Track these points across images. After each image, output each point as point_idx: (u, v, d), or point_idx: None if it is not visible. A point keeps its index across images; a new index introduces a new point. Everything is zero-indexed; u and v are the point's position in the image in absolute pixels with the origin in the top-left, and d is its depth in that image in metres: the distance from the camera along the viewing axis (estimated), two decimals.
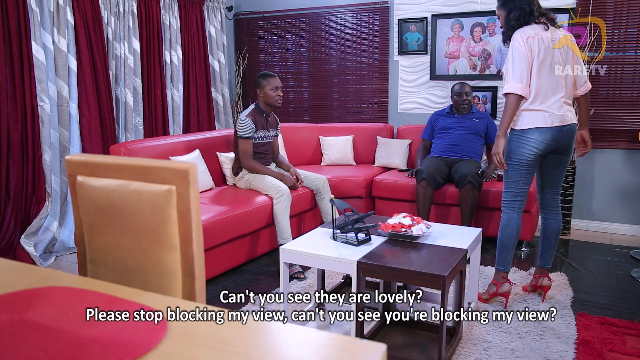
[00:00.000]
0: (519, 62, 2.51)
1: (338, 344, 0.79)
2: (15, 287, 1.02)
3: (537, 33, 2.53)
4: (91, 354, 0.77)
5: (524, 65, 2.50)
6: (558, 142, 2.57)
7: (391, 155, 4.53)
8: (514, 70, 2.52)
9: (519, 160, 2.59)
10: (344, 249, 2.27)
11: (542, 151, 2.57)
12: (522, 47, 2.50)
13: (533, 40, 2.51)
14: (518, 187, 2.64)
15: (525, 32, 2.53)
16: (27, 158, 3.44)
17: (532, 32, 2.52)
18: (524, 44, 2.51)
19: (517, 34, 2.54)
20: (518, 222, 2.68)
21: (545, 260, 2.83)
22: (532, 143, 2.55)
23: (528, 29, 2.54)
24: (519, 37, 2.53)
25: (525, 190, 2.65)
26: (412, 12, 4.70)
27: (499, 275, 2.73)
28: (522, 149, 2.57)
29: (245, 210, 3.25)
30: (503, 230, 2.70)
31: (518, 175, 2.63)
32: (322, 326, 2.54)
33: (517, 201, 2.67)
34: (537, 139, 2.54)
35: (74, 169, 1.35)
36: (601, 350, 2.25)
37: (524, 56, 2.50)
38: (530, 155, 2.57)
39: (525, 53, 2.50)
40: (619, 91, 4.03)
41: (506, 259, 2.72)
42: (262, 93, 3.57)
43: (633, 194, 4.09)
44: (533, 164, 2.60)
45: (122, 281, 1.27)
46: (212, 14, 5.11)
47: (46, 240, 3.55)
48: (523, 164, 2.59)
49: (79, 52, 3.73)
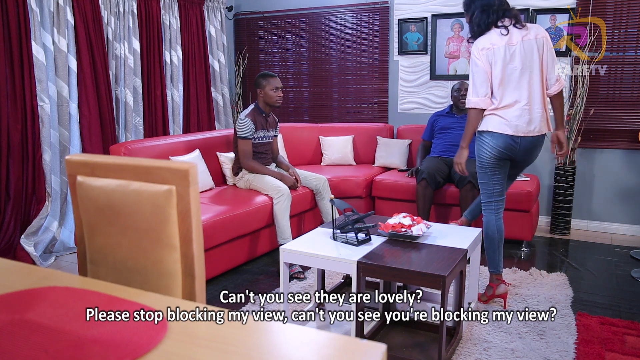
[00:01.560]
0: (477, 74, 2.53)
1: (338, 344, 0.79)
2: (15, 287, 1.02)
3: (493, 42, 2.51)
4: (91, 354, 0.77)
5: (482, 78, 2.52)
6: (512, 151, 2.57)
7: (391, 155, 4.53)
8: (473, 83, 2.55)
9: (481, 162, 2.64)
10: (344, 249, 2.27)
11: (497, 157, 2.57)
12: (478, 60, 2.53)
13: (488, 51, 2.51)
14: (488, 188, 2.67)
15: (481, 43, 2.53)
16: (27, 158, 3.44)
17: (487, 43, 2.52)
18: (479, 56, 2.52)
19: (474, 46, 2.56)
20: (497, 222, 2.68)
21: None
22: (486, 146, 2.58)
23: (484, 39, 2.54)
24: (474, 50, 2.55)
25: (497, 191, 2.66)
26: (412, 12, 4.70)
27: (493, 277, 2.74)
28: (481, 151, 2.62)
29: (245, 210, 3.25)
30: (485, 233, 2.72)
31: (485, 177, 2.66)
32: (322, 326, 2.54)
33: (492, 202, 2.68)
34: (490, 143, 2.56)
35: (74, 169, 1.35)
36: (601, 350, 2.25)
37: (480, 69, 2.52)
38: (489, 158, 2.59)
39: (482, 65, 2.51)
40: (619, 91, 4.03)
41: (494, 261, 2.72)
42: (262, 93, 3.57)
43: (633, 194, 4.09)
44: (495, 166, 2.60)
45: (122, 281, 1.27)
46: (212, 14, 5.11)
47: (46, 240, 3.55)
48: (485, 166, 2.63)
49: (79, 52, 3.73)
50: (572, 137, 4.01)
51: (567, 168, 4.03)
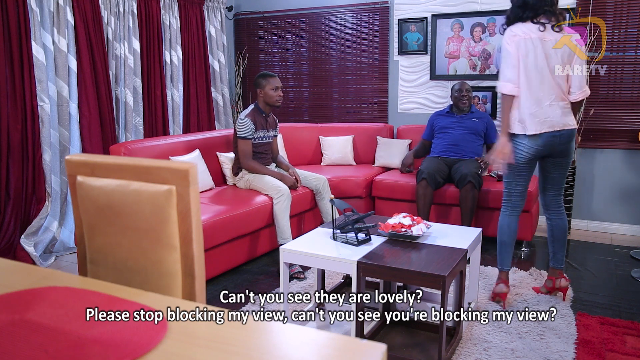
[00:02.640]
0: (506, 59, 2.53)
1: (338, 344, 0.79)
2: (15, 287, 1.02)
3: (526, 32, 2.51)
4: (91, 354, 0.77)
5: (511, 62, 2.51)
6: (551, 147, 2.57)
7: (391, 155, 4.53)
8: (503, 69, 2.55)
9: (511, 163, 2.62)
10: (344, 249, 2.27)
11: (534, 156, 2.58)
12: (508, 45, 2.52)
13: (520, 40, 2.50)
14: (510, 187, 2.69)
15: (513, 31, 2.53)
16: (27, 158, 3.44)
17: (520, 32, 2.51)
18: (510, 41, 2.52)
19: (506, 32, 2.56)
20: (509, 221, 2.70)
21: (557, 261, 2.83)
22: (522, 147, 2.57)
23: (517, 28, 2.53)
24: (506, 36, 2.55)
25: (519, 191, 2.67)
26: (412, 12, 4.70)
27: (499, 274, 2.77)
28: (515, 151, 2.60)
29: (245, 210, 3.25)
30: (500, 231, 2.75)
31: (510, 177, 2.67)
32: (322, 326, 2.54)
33: (509, 201, 2.71)
34: (528, 144, 2.56)
35: (74, 169, 1.35)
36: (601, 350, 2.25)
37: (509, 53, 2.51)
38: (522, 159, 2.59)
39: (511, 51, 2.51)
40: (619, 91, 4.03)
41: (505, 259, 2.74)
42: (262, 93, 3.57)
43: (633, 194, 4.09)
44: (526, 167, 2.62)
45: (122, 281, 1.27)
46: (212, 14, 5.11)
47: (46, 240, 3.55)
48: (514, 167, 2.62)
49: (79, 52, 3.73)
50: None
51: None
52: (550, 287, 2.84)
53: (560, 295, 2.84)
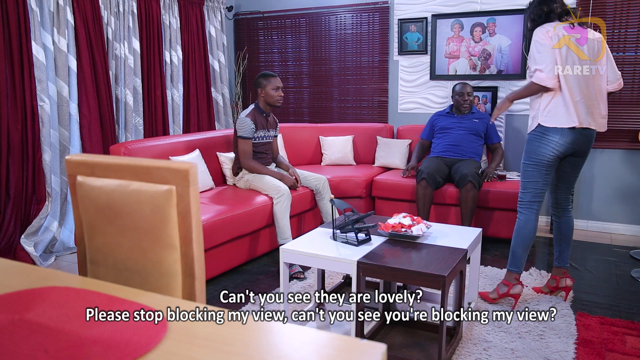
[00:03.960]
0: (544, 52, 2.50)
1: (338, 344, 0.79)
2: (15, 287, 1.02)
3: (557, 30, 2.52)
4: (91, 354, 0.77)
5: (549, 58, 2.49)
6: (577, 145, 2.57)
7: (391, 155, 4.53)
8: (540, 61, 2.50)
9: (540, 160, 2.58)
10: (344, 249, 2.27)
11: (562, 153, 2.57)
12: (543, 40, 2.50)
13: (554, 35, 2.51)
14: (537, 187, 2.63)
15: (545, 28, 2.54)
16: (27, 158, 3.44)
17: (552, 29, 2.52)
18: (544, 37, 2.51)
19: (537, 30, 2.55)
20: (536, 223, 2.67)
21: (563, 260, 2.82)
22: (552, 145, 2.55)
23: (548, 25, 2.55)
24: (538, 33, 2.54)
25: (544, 192, 2.64)
26: (412, 12, 4.70)
27: (512, 276, 2.71)
28: (543, 149, 2.56)
29: (245, 210, 3.25)
30: (520, 232, 2.68)
31: (538, 176, 2.61)
32: (322, 326, 2.54)
33: (535, 202, 2.65)
34: (559, 141, 2.54)
35: (74, 169, 1.35)
36: (601, 350, 2.25)
37: (547, 47, 2.49)
38: (551, 156, 2.57)
39: (548, 44, 2.50)
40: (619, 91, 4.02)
41: (521, 260, 2.70)
42: (263, 93, 3.57)
43: (633, 194, 4.09)
44: (552, 165, 2.60)
45: (122, 281, 1.27)
46: (212, 14, 5.11)
47: (46, 240, 3.55)
48: (543, 164, 2.59)
49: (79, 52, 3.73)
50: None
51: None
52: (553, 286, 2.83)
53: (561, 294, 2.84)
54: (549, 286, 2.86)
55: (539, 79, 2.50)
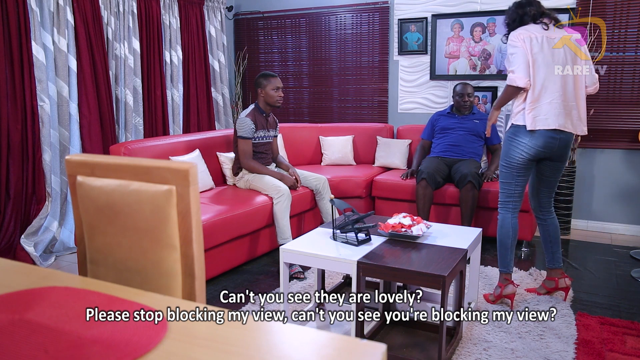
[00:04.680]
0: (517, 55, 2.53)
1: (338, 344, 0.79)
2: (15, 287, 1.02)
3: (532, 32, 2.54)
4: (91, 354, 0.77)
5: (522, 59, 2.52)
6: (550, 149, 2.57)
7: (391, 155, 4.53)
8: (513, 64, 2.54)
9: (510, 162, 2.63)
10: (344, 249, 2.27)
11: (533, 156, 2.58)
12: (516, 43, 2.54)
13: (526, 38, 2.53)
14: (510, 188, 2.68)
15: (519, 31, 2.57)
16: (27, 158, 3.44)
17: (525, 32, 2.55)
18: (517, 39, 2.54)
19: (511, 35, 2.59)
20: (512, 222, 2.70)
21: (557, 260, 2.83)
22: (522, 147, 2.57)
23: (522, 29, 2.57)
24: (512, 37, 2.57)
25: (518, 192, 2.67)
26: (412, 12, 4.70)
27: (502, 277, 2.74)
28: (513, 151, 2.60)
29: (245, 210, 3.25)
30: (499, 231, 2.73)
31: (509, 177, 2.66)
32: (322, 326, 2.54)
33: (509, 202, 2.70)
34: (528, 144, 2.55)
35: (74, 169, 1.35)
36: (601, 350, 2.25)
37: (519, 49, 2.52)
38: (521, 159, 2.59)
39: (521, 47, 2.52)
40: (619, 91, 4.03)
41: (506, 260, 2.73)
42: (263, 93, 3.57)
43: (633, 194, 4.09)
44: (524, 167, 2.62)
45: (122, 281, 1.27)
46: (212, 14, 5.11)
47: (46, 240, 3.55)
48: (514, 167, 2.62)
49: (79, 52, 3.73)
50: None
51: (567, 168, 4.03)
52: (551, 287, 2.83)
53: (560, 294, 2.84)
54: (545, 287, 2.86)
55: (510, 79, 2.54)
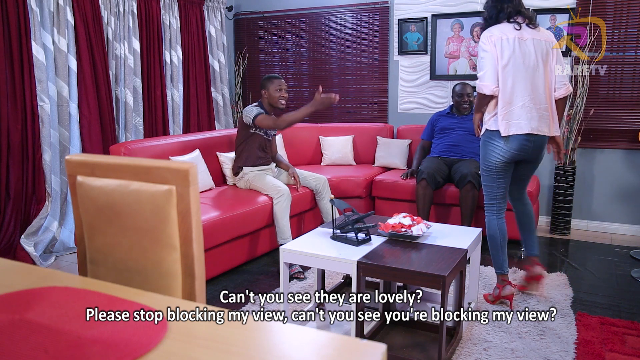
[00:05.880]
0: (484, 59, 2.52)
1: (338, 344, 0.79)
2: (15, 287, 1.02)
3: (503, 32, 2.51)
4: (91, 354, 0.77)
5: (489, 64, 2.50)
6: (525, 152, 2.58)
7: (391, 155, 4.53)
8: (480, 68, 2.54)
9: (488, 166, 2.64)
10: (344, 249, 2.27)
11: (509, 159, 2.59)
12: (485, 46, 2.52)
13: (497, 40, 2.50)
14: (492, 190, 2.70)
15: (491, 32, 2.54)
16: (27, 158, 3.44)
17: (497, 32, 2.52)
18: (487, 42, 2.52)
19: (483, 34, 2.56)
20: (499, 223, 2.71)
21: (530, 248, 2.84)
22: (498, 150, 2.58)
23: (494, 28, 2.54)
24: (483, 37, 2.55)
25: (501, 194, 2.69)
26: (412, 12, 4.70)
27: (499, 278, 2.74)
28: (490, 155, 2.61)
29: (245, 210, 3.25)
30: (487, 233, 2.76)
31: (490, 180, 2.68)
32: (322, 326, 2.54)
33: (494, 204, 2.72)
34: (504, 147, 2.56)
35: (74, 169, 1.35)
36: (601, 350, 2.25)
37: (488, 54, 2.51)
38: (498, 162, 2.60)
39: (490, 50, 2.50)
40: (619, 91, 4.03)
41: (499, 261, 2.74)
42: (266, 94, 3.58)
43: (633, 194, 4.09)
44: (503, 169, 2.62)
45: (122, 281, 1.27)
46: (212, 14, 5.11)
47: (46, 240, 3.55)
48: (493, 170, 2.64)
49: (79, 52, 3.73)
50: (572, 137, 4.01)
51: (567, 168, 4.03)
52: (528, 277, 2.82)
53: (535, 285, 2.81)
54: (524, 279, 2.87)
55: (478, 87, 2.55)
